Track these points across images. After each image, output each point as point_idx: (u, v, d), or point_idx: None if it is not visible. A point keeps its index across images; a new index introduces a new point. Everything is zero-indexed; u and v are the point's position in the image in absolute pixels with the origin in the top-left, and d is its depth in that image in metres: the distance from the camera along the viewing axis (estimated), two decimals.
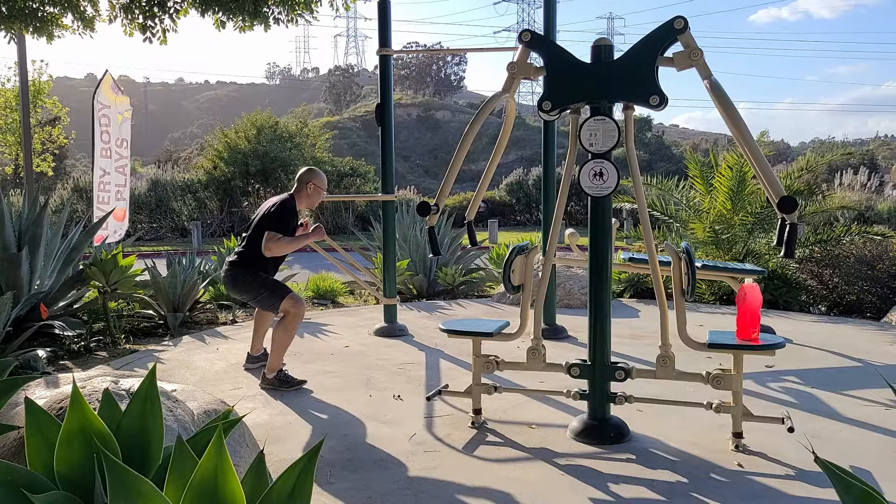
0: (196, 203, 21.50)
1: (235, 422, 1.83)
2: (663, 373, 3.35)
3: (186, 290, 6.36)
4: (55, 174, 22.72)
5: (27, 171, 9.00)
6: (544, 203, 5.79)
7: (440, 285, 8.39)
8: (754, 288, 3.31)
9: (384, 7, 5.88)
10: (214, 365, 4.91)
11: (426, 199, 7.69)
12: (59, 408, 2.40)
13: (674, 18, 3.21)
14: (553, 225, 3.61)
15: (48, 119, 21.18)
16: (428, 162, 55.30)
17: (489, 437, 3.45)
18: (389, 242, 6.24)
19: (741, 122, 3.09)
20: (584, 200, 16.03)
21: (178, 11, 5.94)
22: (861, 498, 1.38)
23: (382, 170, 6.14)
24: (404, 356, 5.18)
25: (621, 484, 2.90)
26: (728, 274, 5.87)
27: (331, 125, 45.81)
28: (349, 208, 22.42)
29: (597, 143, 3.34)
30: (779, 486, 2.87)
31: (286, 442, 3.41)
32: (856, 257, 7.09)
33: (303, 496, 1.53)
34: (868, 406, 3.90)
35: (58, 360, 5.04)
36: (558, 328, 5.84)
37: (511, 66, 3.49)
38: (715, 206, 7.89)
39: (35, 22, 5.85)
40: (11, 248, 5.40)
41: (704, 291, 7.70)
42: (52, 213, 6.80)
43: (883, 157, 46.12)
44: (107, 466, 1.48)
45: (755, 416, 3.28)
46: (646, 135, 46.77)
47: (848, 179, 18.58)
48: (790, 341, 5.49)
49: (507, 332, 3.62)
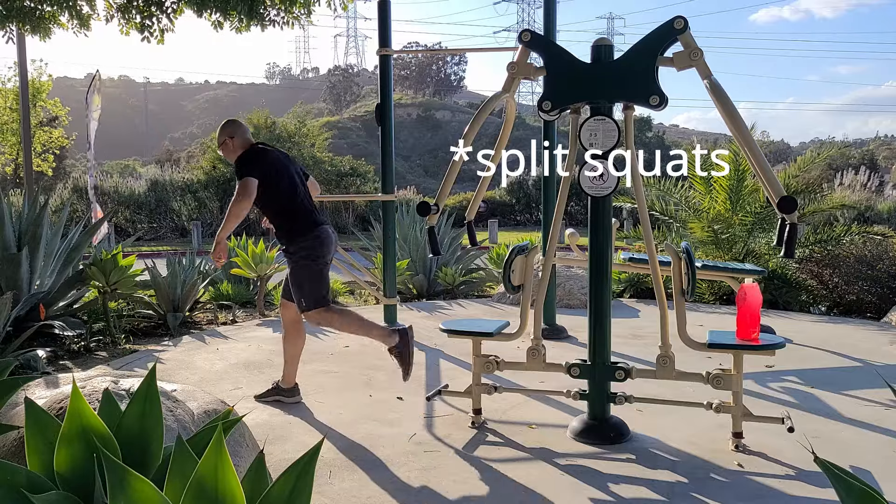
0: (196, 203, 21.50)
1: (235, 422, 1.83)
2: (663, 373, 3.35)
3: (186, 290, 6.36)
4: (55, 174, 22.74)
5: (27, 171, 9.00)
6: (544, 203, 5.79)
7: (440, 285, 8.39)
8: (754, 288, 3.31)
9: (384, 7, 5.88)
10: (214, 365, 4.91)
11: (426, 198, 7.69)
12: (59, 408, 2.40)
13: (674, 18, 3.21)
14: (553, 225, 3.60)
15: (48, 119, 21.20)
16: (428, 162, 55.30)
17: (489, 437, 3.45)
18: (389, 242, 6.24)
19: (741, 122, 3.10)
20: (584, 200, 16.03)
21: (175, 11, 5.95)
22: (861, 498, 1.38)
23: (382, 170, 6.14)
24: None
25: (621, 484, 2.90)
26: (728, 274, 5.87)
27: (331, 125, 45.83)
28: (349, 208, 22.42)
29: (597, 143, 3.34)
30: (779, 486, 2.87)
31: (286, 442, 3.41)
32: (856, 257, 7.09)
33: (303, 496, 1.53)
34: (868, 406, 3.90)
35: (58, 360, 5.04)
36: (558, 328, 5.84)
37: (511, 66, 3.49)
38: (714, 205, 7.89)
39: (32, 20, 5.85)
40: (11, 248, 5.40)
41: (704, 291, 7.70)
42: (52, 213, 6.80)
43: (883, 157, 46.12)
44: (107, 466, 1.48)
45: (755, 416, 3.28)
46: (646, 135, 46.80)
47: (848, 179, 18.58)
48: (790, 341, 5.49)
49: (507, 332, 3.62)
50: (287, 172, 3.92)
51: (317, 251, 3.83)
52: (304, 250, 3.81)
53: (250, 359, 5.10)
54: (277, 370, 4.59)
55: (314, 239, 3.83)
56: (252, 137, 4.04)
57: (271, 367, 4.81)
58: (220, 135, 3.99)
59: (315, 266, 3.83)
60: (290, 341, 4.05)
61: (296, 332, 4.04)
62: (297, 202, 3.89)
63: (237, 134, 3.94)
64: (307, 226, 3.83)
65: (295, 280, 3.84)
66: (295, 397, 4.05)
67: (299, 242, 3.81)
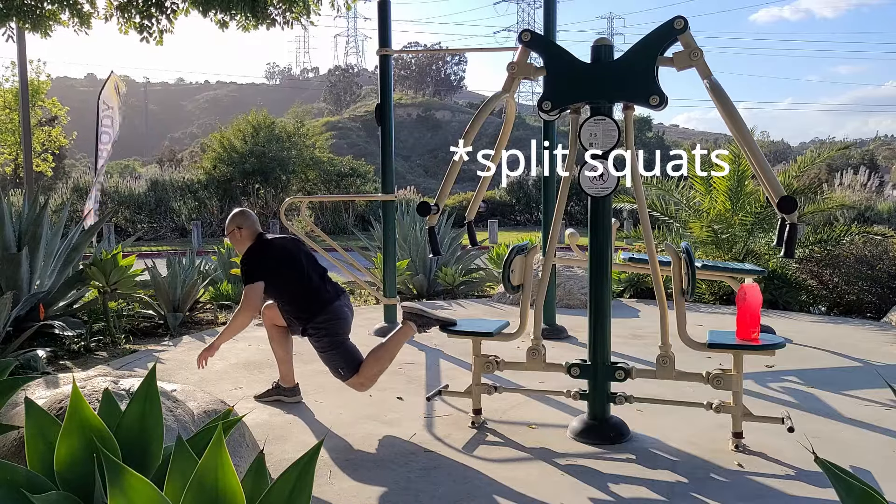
0: (196, 203, 21.51)
1: (235, 422, 1.83)
2: (663, 373, 3.35)
3: (186, 290, 6.36)
4: (55, 174, 22.74)
5: (27, 171, 9.01)
6: (544, 203, 5.79)
7: (440, 285, 8.39)
8: (754, 288, 3.31)
9: (384, 7, 5.88)
10: (214, 365, 4.91)
11: (426, 198, 7.69)
12: (59, 408, 2.40)
13: (674, 18, 3.21)
14: (553, 225, 3.60)
15: (47, 119, 21.20)
16: (428, 162, 55.33)
17: (489, 437, 3.45)
18: (389, 242, 6.24)
19: (741, 122, 3.09)
20: (584, 200, 16.05)
21: (176, 12, 5.95)
22: (861, 498, 1.38)
23: (382, 170, 6.14)
24: (404, 356, 5.17)
25: (621, 484, 2.90)
26: (728, 274, 5.87)
27: (331, 125, 45.86)
28: (349, 208, 22.42)
29: (597, 143, 3.34)
30: (779, 486, 2.87)
31: (286, 442, 3.41)
32: (856, 257, 7.09)
33: (303, 496, 1.53)
34: (868, 406, 3.90)
35: (58, 360, 5.04)
36: (558, 328, 5.84)
37: (511, 65, 3.48)
38: (715, 205, 7.89)
39: (32, 18, 5.85)
40: (11, 248, 5.40)
41: (704, 291, 7.70)
42: (52, 213, 6.80)
43: (883, 157, 46.15)
44: (106, 466, 1.48)
45: (755, 416, 3.28)
46: (646, 135, 46.82)
47: (848, 179, 18.58)
48: (790, 341, 5.49)
49: (507, 332, 3.62)
50: (294, 259, 3.90)
51: (335, 328, 3.81)
52: (323, 330, 3.79)
53: (250, 359, 5.10)
54: (277, 370, 4.59)
55: (330, 318, 3.80)
56: (259, 227, 4.06)
57: (271, 367, 4.81)
58: (229, 224, 4.02)
59: (338, 339, 3.81)
60: (276, 343, 4.06)
61: (279, 334, 4.04)
62: (307, 287, 3.86)
63: (245, 225, 3.96)
64: (321, 306, 3.80)
65: (328, 360, 3.81)
66: (295, 397, 4.06)
67: (318, 324, 3.79)
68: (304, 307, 3.80)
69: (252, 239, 3.93)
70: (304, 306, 3.80)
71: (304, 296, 3.82)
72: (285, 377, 4.08)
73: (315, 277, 3.92)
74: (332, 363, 3.79)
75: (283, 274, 3.81)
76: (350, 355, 3.79)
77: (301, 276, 3.86)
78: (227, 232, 4.04)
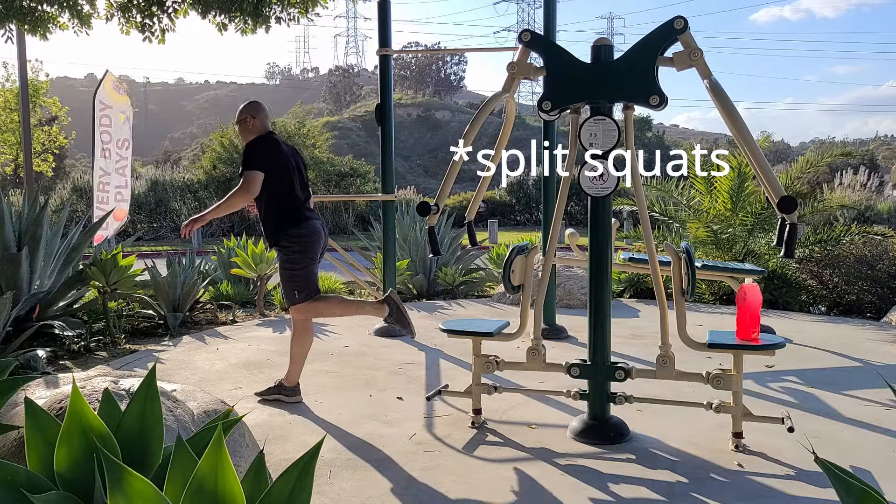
0: (196, 203, 21.51)
1: (235, 422, 1.83)
2: (663, 373, 3.35)
3: (186, 290, 6.36)
4: (55, 174, 22.75)
5: (27, 171, 9.00)
6: (544, 203, 5.79)
7: (440, 285, 8.39)
8: (754, 288, 3.31)
9: (384, 7, 5.88)
10: (214, 365, 4.91)
11: (426, 198, 7.69)
12: (59, 408, 2.40)
13: (674, 18, 3.21)
14: (553, 225, 3.60)
15: (47, 118, 21.20)
16: (428, 162, 55.32)
17: (489, 437, 3.45)
18: (389, 242, 6.24)
19: (741, 122, 3.10)
20: (584, 200, 16.03)
21: (177, 11, 5.94)
22: (861, 498, 1.38)
23: (382, 170, 6.14)
24: (404, 356, 5.18)
25: (621, 484, 2.90)
26: (728, 274, 5.87)
27: (331, 125, 45.88)
28: (349, 208, 22.42)
29: (597, 143, 3.34)
30: (779, 486, 2.87)
31: (286, 442, 3.41)
32: (856, 257, 7.09)
33: (303, 496, 1.53)
34: (868, 406, 3.90)
35: (58, 360, 5.04)
36: (558, 328, 5.84)
37: (511, 65, 3.49)
38: (715, 206, 7.89)
39: (31, 20, 5.85)
40: (11, 248, 5.40)
41: (704, 291, 7.70)
42: (52, 213, 6.80)
43: (883, 157, 46.15)
44: (106, 466, 1.48)
45: (755, 416, 3.28)
46: (646, 135, 46.82)
47: (848, 179, 18.58)
48: (790, 341, 5.49)
49: (507, 332, 3.62)
50: (292, 167, 4.01)
51: (309, 246, 3.91)
52: (297, 245, 3.88)
53: (250, 359, 5.10)
54: (277, 370, 4.59)
55: (305, 231, 3.91)
56: (270, 125, 4.14)
57: (271, 367, 4.81)
58: (242, 111, 4.09)
59: (307, 258, 3.92)
60: (298, 341, 4.05)
61: (304, 331, 4.04)
62: (294, 196, 3.96)
63: (258, 116, 4.05)
64: (298, 219, 3.91)
65: (289, 278, 3.91)
66: (295, 397, 4.06)
67: (290, 235, 3.88)
68: (287, 214, 3.90)
69: (261, 133, 4.02)
70: (287, 212, 3.90)
71: (289, 202, 3.91)
72: (291, 376, 4.06)
73: (302, 193, 4.03)
74: (291, 282, 3.87)
75: (277, 174, 3.89)
76: (310, 280, 3.88)
77: (292, 184, 3.96)
78: (238, 119, 4.11)
